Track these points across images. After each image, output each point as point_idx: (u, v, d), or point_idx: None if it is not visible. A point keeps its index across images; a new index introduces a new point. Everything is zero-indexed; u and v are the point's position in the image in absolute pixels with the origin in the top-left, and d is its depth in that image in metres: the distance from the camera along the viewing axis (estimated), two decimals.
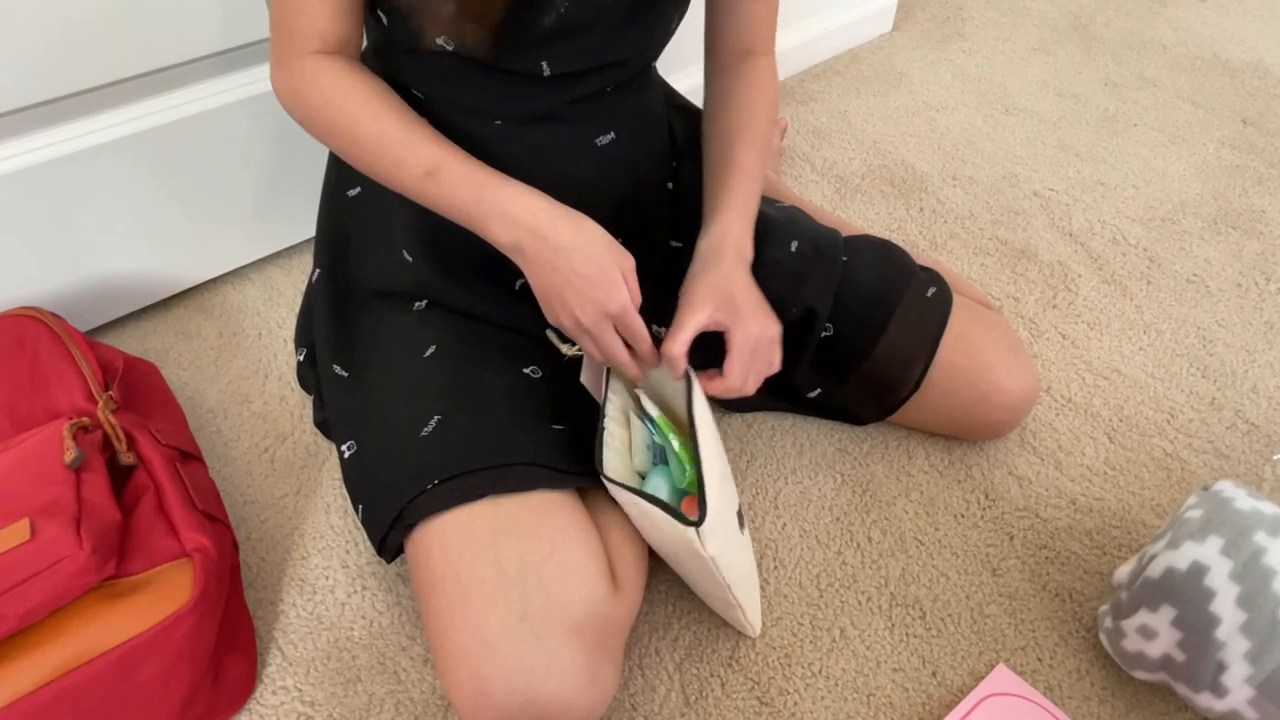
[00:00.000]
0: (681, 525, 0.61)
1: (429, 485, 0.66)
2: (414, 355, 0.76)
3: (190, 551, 0.64)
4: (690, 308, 0.67)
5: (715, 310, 0.67)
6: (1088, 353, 1.01)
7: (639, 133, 0.78)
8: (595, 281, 0.62)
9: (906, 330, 0.83)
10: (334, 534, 0.82)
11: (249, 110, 0.97)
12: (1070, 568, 0.80)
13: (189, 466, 0.74)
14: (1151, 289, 1.09)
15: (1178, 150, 1.34)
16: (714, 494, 0.63)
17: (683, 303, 0.69)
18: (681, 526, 0.61)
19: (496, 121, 0.71)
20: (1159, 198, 1.24)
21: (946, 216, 1.20)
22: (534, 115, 0.72)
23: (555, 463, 0.68)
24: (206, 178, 0.98)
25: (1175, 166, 1.30)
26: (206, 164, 0.97)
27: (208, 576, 0.63)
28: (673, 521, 0.61)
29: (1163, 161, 1.32)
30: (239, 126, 0.97)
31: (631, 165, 0.78)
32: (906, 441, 0.90)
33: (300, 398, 0.94)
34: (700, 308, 0.67)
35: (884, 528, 0.82)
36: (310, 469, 0.87)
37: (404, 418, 0.71)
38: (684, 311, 0.67)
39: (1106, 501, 0.85)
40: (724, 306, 0.67)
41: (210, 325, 1.02)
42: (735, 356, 0.67)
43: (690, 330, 0.66)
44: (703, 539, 0.61)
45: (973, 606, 0.77)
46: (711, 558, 0.62)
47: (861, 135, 1.36)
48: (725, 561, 0.64)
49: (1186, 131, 1.38)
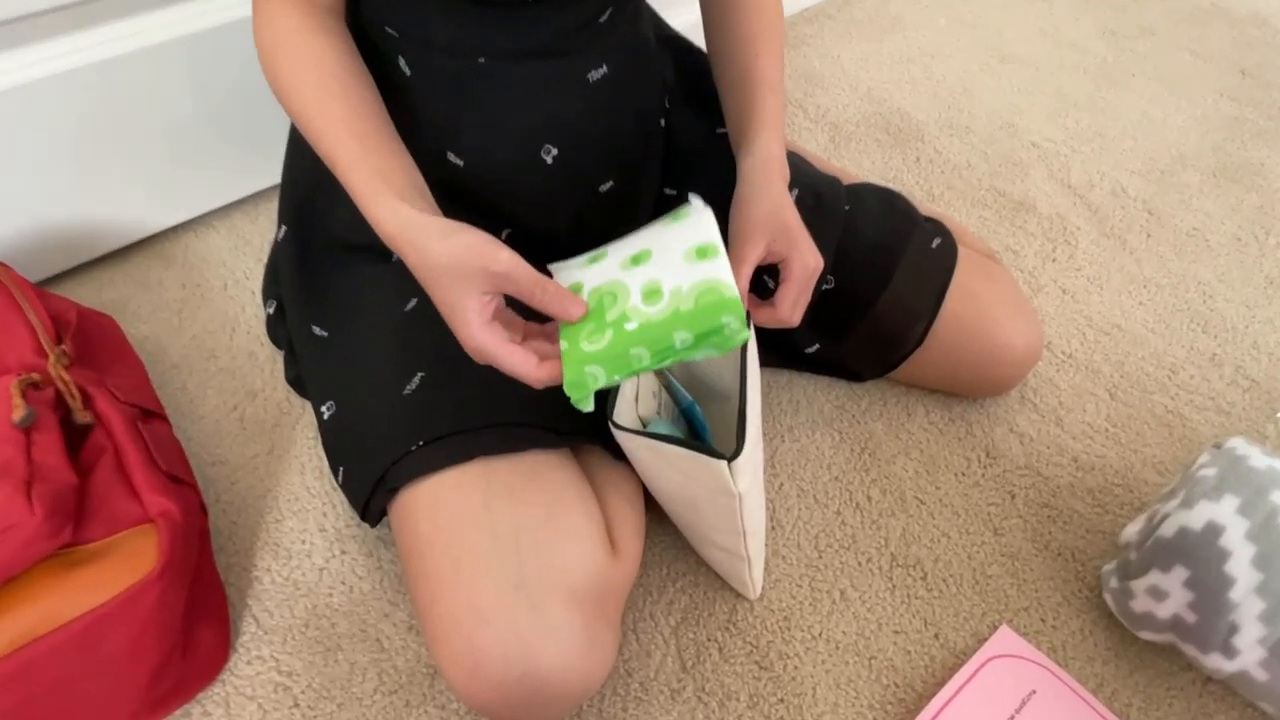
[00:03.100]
0: (712, 459, 0.57)
1: (413, 447, 0.62)
2: (394, 309, 0.71)
3: (154, 516, 0.59)
4: (746, 239, 0.63)
5: (772, 241, 0.63)
6: (1088, 307, 0.98)
7: (633, 66, 0.73)
8: (450, 319, 0.56)
9: (911, 283, 0.79)
10: (309, 496, 0.77)
11: (212, 42, 0.89)
12: (1073, 527, 0.78)
13: (151, 425, 0.69)
14: (1151, 243, 1.07)
15: (1176, 101, 1.31)
16: (754, 426, 0.59)
17: (736, 235, 0.65)
18: (711, 461, 0.57)
19: (480, 59, 0.66)
20: (1158, 150, 1.21)
21: (943, 167, 1.17)
22: (521, 49, 0.66)
23: (549, 422, 0.64)
24: (167, 117, 0.91)
25: (1174, 118, 1.27)
26: (166, 102, 0.90)
27: (174, 542, 0.59)
28: (698, 459, 0.57)
29: (1161, 112, 1.28)
30: (201, 60, 0.90)
31: (625, 102, 0.73)
32: (905, 398, 0.87)
33: (271, 352, 0.89)
34: (757, 239, 0.63)
35: (884, 487, 0.80)
36: (283, 428, 0.83)
37: (385, 376, 0.67)
38: (741, 244, 0.63)
39: (1108, 459, 0.83)
40: (780, 236, 0.63)
41: (172, 276, 0.96)
42: (792, 286, 0.64)
43: (751, 263, 0.62)
44: (734, 474, 0.57)
45: (975, 567, 0.75)
46: (740, 494, 0.59)
47: (855, 81, 1.31)
48: (752, 503, 0.61)
49: (1185, 82, 1.35)
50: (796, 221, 0.68)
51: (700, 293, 0.54)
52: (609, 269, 0.58)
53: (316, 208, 0.78)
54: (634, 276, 0.56)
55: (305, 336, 0.75)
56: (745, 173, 0.70)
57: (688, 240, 0.58)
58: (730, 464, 0.57)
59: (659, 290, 0.55)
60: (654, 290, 0.55)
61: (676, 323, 0.53)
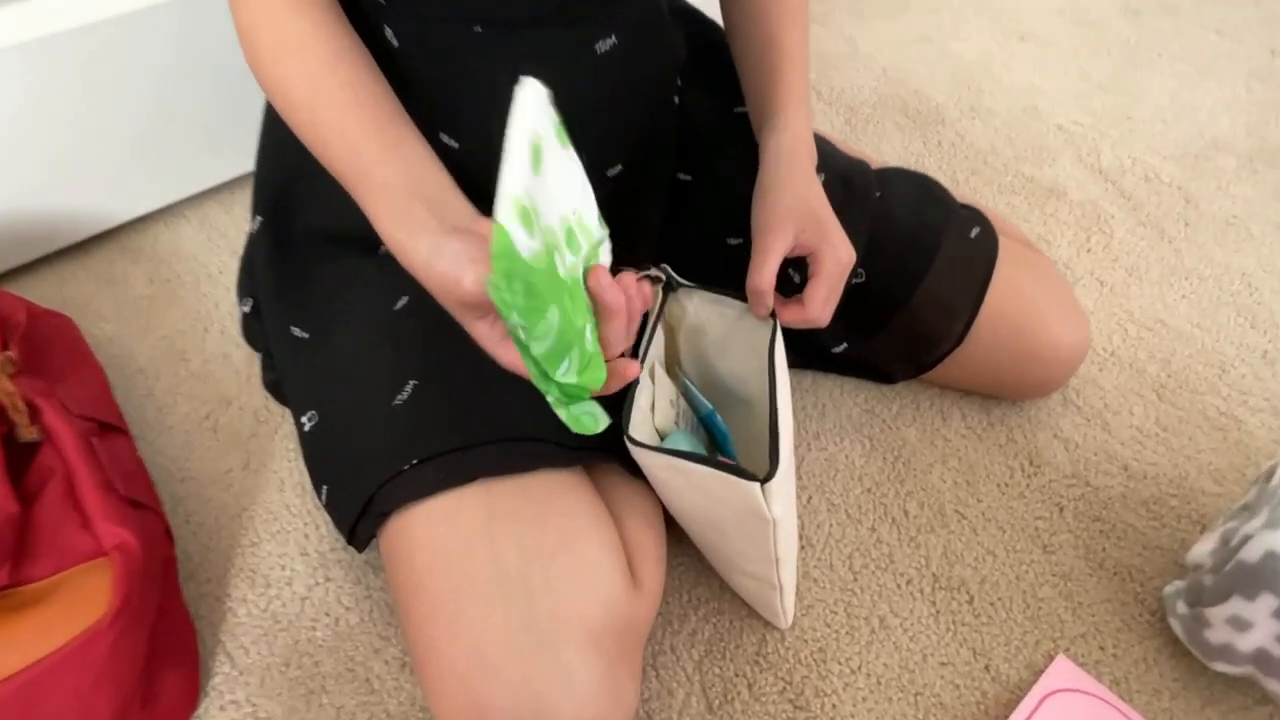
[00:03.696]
0: (743, 481, 0.50)
1: (405, 466, 0.54)
2: (382, 307, 0.64)
3: (108, 549, 0.52)
4: (772, 229, 0.57)
5: (800, 231, 0.56)
6: (1128, 301, 0.92)
7: (645, 38, 0.66)
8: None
9: (948, 277, 0.73)
10: (290, 515, 0.70)
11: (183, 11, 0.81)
12: (1127, 542, 0.71)
13: (109, 441, 0.61)
14: (1190, 231, 1.00)
15: (1206, 83, 1.24)
16: (786, 444, 0.52)
17: (761, 224, 0.58)
18: (742, 483, 0.50)
19: (476, 28, 0.58)
20: (1190, 133, 1.15)
21: (967, 151, 1.10)
22: (522, 17, 0.59)
23: (558, 436, 0.56)
24: (132, 95, 0.83)
25: (1204, 100, 1.21)
26: (131, 78, 0.82)
27: (130, 579, 0.51)
28: (728, 480, 0.50)
29: (1191, 94, 1.22)
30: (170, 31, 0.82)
31: (636, 76, 0.66)
32: (939, 401, 0.80)
33: (247, 355, 0.81)
34: (784, 228, 0.57)
35: (921, 499, 0.73)
36: (260, 438, 0.75)
37: (373, 383, 0.60)
38: (765, 235, 0.57)
39: (1160, 467, 0.77)
40: (810, 225, 0.57)
41: (139, 271, 0.88)
42: (823, 282, 0.57)
43: (777, 256, 0.56)
44: (768, 497, 0.51)
45: (1024, 589, 0.68)
46: (775, 520, 0.52)
47: (870, 62, 1.24)
48: (786, 528, 0.54)
49: (1213, 63, 1.28)
50: (827, 210, 0.61)
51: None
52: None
53: (295, 196, 0.70)
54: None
55: (284, 338, 0.68)
56: (769, 156, 0.63)
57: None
58: (764, 486, 0.50)
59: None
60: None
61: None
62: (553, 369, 0.45)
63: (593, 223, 0.51)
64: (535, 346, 0.44)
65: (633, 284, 0.50)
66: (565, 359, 0.46)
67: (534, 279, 0.42)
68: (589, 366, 0.47)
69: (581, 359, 0.47)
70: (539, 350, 0.44)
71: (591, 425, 0.49)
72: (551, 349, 0.45)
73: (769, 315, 0.60)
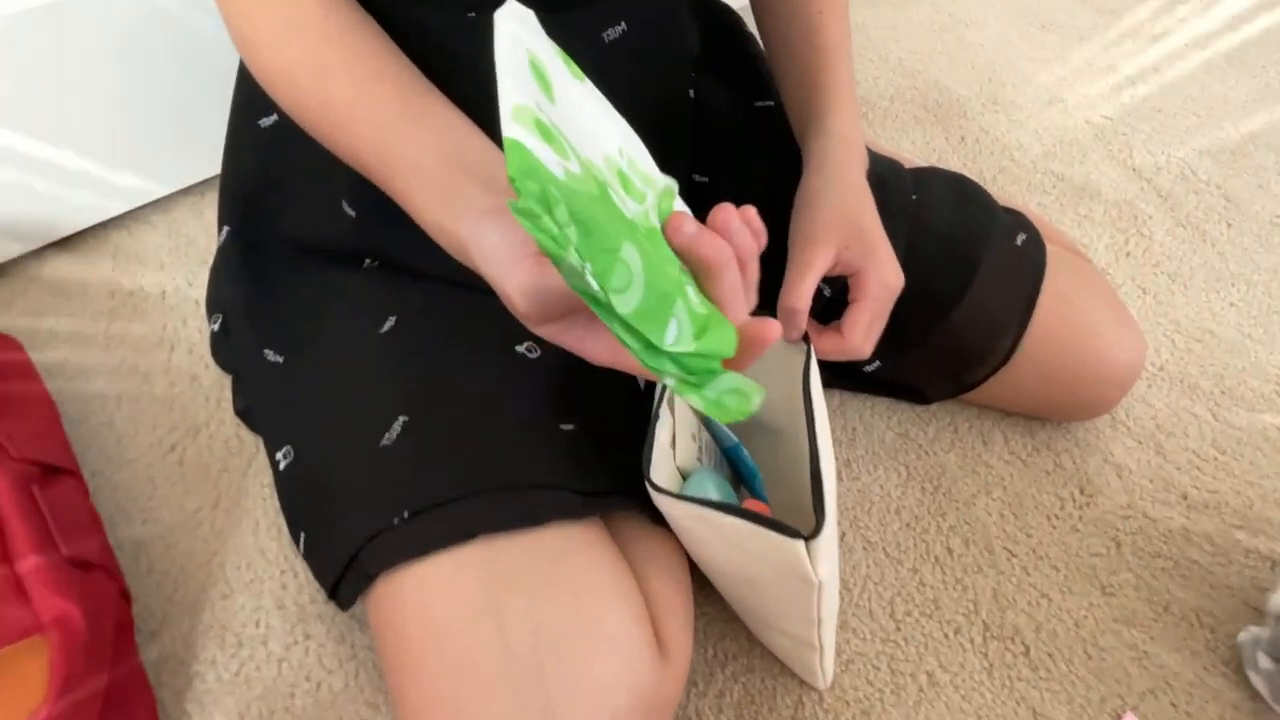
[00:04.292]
0: (785, 539, 0.43)
1: (394, 519, 0.47)
2: (366, 330, 0.56)
3: (47, 624, 0.44)
4: (813, 243, 0.50)
5: (845, 247, 0.50)
6: (1173, 310, 0.85)
7: (656, 24, 0.59)
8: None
9: (994, 288, 0.66)
10: (265, 562, 0.63)
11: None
12: (1193, 581, 0.65)
13: (54, 487, 0.54)
14: (1233, 233, 0.94)
15: (1235, 74, 1.18)
16: (831, 493, 0.46)
17: (801, 235, 0.52)
18: (784, 541, 0.43)
19: (469, 13, 0.51)
20: (1224, 127, 1.09)
21: (992, 147, 1.03)
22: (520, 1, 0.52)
23: (570, 481, 0.49)
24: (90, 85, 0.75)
25: (1236, 92, 1.15)
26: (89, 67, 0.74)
27: (70, 660, 0.44)
28: (768, 537, 0.44)
29: (1221, 86, 1.15)
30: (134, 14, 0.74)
31: (647, 67, 0.59)
32: (979, 422, 0.74)
33: (217, 375, 0.74)
34: (827, 242, 0.50)
35: (965, 535, 0.67)
36: (232, 472, 0.68)
37: (357, 419, 0.53)
38: (805, 248, 0.51)
39: (1222, 494, 0.70)
40: (856, 241, 0.51)
41: (99, 282, 0.80)
42: (866, 309, 0.51)
43: (816, 274, 0.50)
44: (814, 557, 0.44)
45: (1084, 637, 0.62)
46: (821, 583, 0.45)
47: (885, 52, 1.17)
48: (830, 589, 0.47)
49: (1242, 52, 1.22)
50: (876, 225, 0.55)
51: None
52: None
53: (266, 203, 0.63)
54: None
55: (255, 362, 0.60)
56: (815, 158, 0.56)
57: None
58: (809, 544, 0.43)
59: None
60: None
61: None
62: (657, 334, 0.32)
63: (650, 168, 0.39)
64: (620, 303, 0.31)
65: (732, 218, 0.37)
66: (670, 318, 0.32)
67: (583, 206, 0.30)
68: (709, 328, 0.34)
69: (692, 318, 0.33)
70: (627, 308, 0.31)
71: (741, 407, 0.34)
72: (645, 304, 0.31)
73: (802, 339, 0.54)
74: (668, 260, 0.34)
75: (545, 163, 0.29)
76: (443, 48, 0.51)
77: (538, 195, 0.28)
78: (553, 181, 0.29)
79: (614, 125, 0.38)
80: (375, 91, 0.45)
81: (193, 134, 0.84)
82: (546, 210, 0.28)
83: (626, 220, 0.33)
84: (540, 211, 0.28)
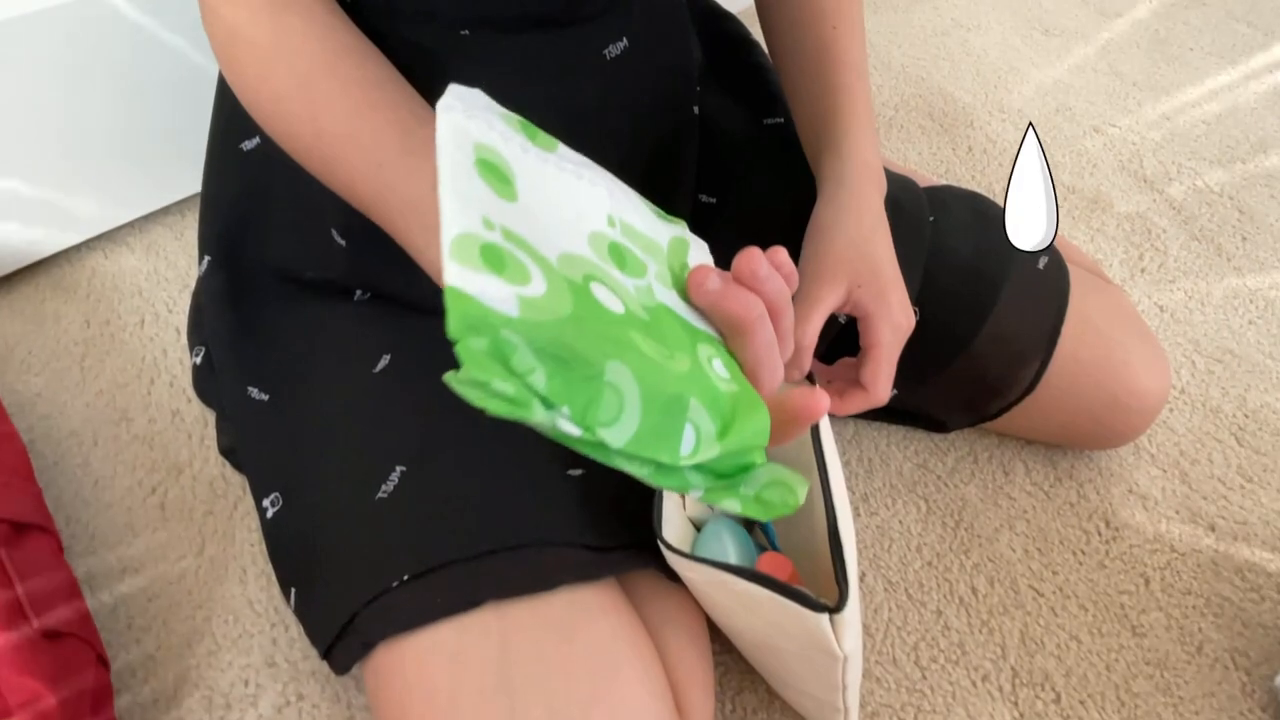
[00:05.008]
0: (809, 612, 0.40)
1: (394, 583, 0.44)
2: (359, 370, 0.53)
3: (14, 709, 0.40)
4: (822, 278, 0.48)
5: (856, 286, 0.47)
6: (1192, 329, 0.83)
7: (660, 38, 0.56)
8: None
9: (1016, 315, 0.63)
10: (254, 615, 0.59)
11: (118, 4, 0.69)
12: (1225, 620, 0.63)
13: (24, 546, 0.50)
14: (1249, 247, 0.92)
15: (1242, 79, 1.16)
16: (853, 564, 0.43)
17: (811, 269, 0.49)
18: (806, 614, 0.40)
19: (463, 30, 0.48)
20: (1233, 135, 1.06)
21: (1000, 158, 1.00)
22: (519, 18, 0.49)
23: (583, 535, 0.46)
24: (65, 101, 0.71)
25: (1243, 98, 1.12)
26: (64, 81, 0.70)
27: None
28: (787, 608, 0.41)
29: (1228, 92, 1.13)
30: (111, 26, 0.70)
31: (650, 83, 0.55)
32: (999, 452, 0.71)
33: (201, 411, 0.70)
34: (837, 279, 0.47)
35: (990, 574, 0.64)
36: (217, 516, 0.64)
37: (351, 467, 0.49)
38: (814, 282, 0.48)
39: (1251, 525, 0.68)
40: (869, 279, 0.48)
41: (74, 311, 0.76)
42: (884, 358, 0.48)
43: (825, 311, 0.47)
44: (839, 631, 0.41)
45: (1116, 681, 0.59)
46: (845, 658, 0.42)
47: (888, 59, 1.14)
48: (855, 662, 0.44)
49: (1246, 56, 1.20)
50: (891, 261, 0.52)
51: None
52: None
53: (249, 230, 0.59)
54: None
55: (240, 400, 0.57)
56: (830, 184, 0.53)
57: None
58: (834, 617, 0.40)
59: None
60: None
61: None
62: (669, 453, 0.29)
63: (649, 224, 0.36)
64: (613, 437, 0.28)
65: (760, 264, 0.34)
66: (683, 426, 0.29)
67: (551, 335, 0.27)
68: (737, 416, 0.30)
69: (715, 411, 0.30)
70: (622, 439, 0.28)
71: (786, 500, 0.31)
72: (647, 425, 0.28)
73: (806, 378, 0.51)
74: (677, 345, 0.31)
75: (493, 304, 0.26)
76: (439, 67, 0.48)
77: (487, 349, 0.25)
78: (506, 323, 0.26)
79: (601, 191, 0.35)
80: (372, 121, 0.41)
81: (171, 152, 0.80)
82: (502, 363, 0.26)
83: (614, 323, 0.29)
84: (488, 376, 0.25)
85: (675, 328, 0.32)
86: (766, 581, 0.41)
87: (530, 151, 0.33)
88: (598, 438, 0.27)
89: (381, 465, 0.48)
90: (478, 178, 0.29)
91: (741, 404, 0.30)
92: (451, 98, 0.30)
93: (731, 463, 0.30)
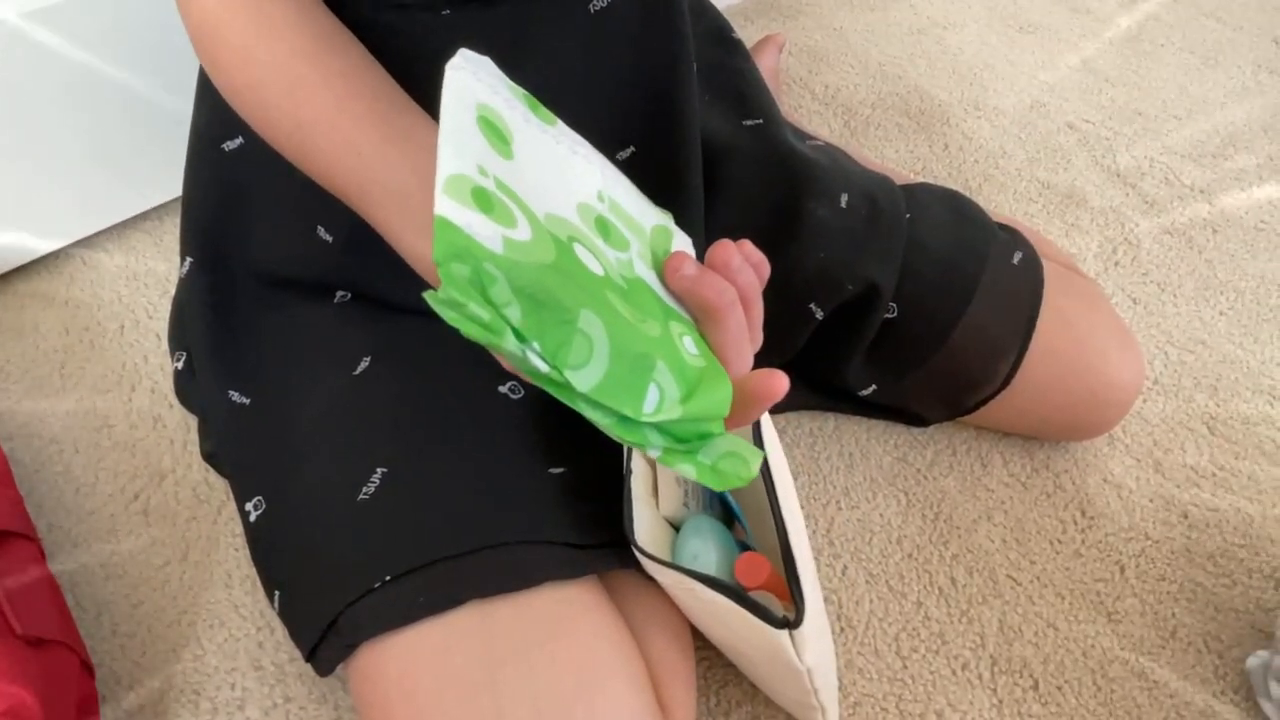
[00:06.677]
0: (769, 627, 0.41)
1: (376, 583, 0.44)
2: (339, 371, 0.53)
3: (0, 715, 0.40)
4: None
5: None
6: (1164, 320, 0.84)
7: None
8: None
9: (992, 310, 0.64)
10: (240, 619, 0.59)
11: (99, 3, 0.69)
12: (1197, 605, 0.64)
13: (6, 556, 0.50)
14: (1219, 239, 0.93)
15: (1213, 74, 1.18)
16: (809, 577, 0.43)
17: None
18: (768, 629, 0.41)
19: (444, 10, 0.48)
20: (1204, 130, 1.08)
21: (976, 154, 1.01)
22: None
23: (564, 533, 0.47)
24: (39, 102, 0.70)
25: (1214, 93, 1.14)
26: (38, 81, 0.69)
27: None
28: (751, 621, 0.41)
29: (1199, 87, 1.15)
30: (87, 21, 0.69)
31: (642, 37, 0.53)
32: (977, 444, 0.72)
33: (183, 416, 0.70)
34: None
35: (969, 564, 0.65)
36: (201, 521, 0.64)
37: (332, 468, 0.49)
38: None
39: (1222, 512, 0.69)
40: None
41: (52, 318, 0.76)
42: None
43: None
44: (798, 646, 0.42)
45: (1092, 667, 0.60)
46: (808, 670, 0.43)
47: (864, 57, 1.15)
48: (824, 666, 0.45)
49: (1218, 52, 1.22)
50: None
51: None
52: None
53: (230, 231, 0.59)
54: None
55: (221, 404, 0.57)
56: None
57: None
58: (793, 633, 0.41)
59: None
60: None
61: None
62: (632, 405, 0.29)
63: (638, 208, 0.37)
64: (580, 379, 0.28)
65: (733, 255, 0.35)
66: (648, 384, 0.30)
67: (530, 277, 0.28)
68: (701, 385, 0.31)
69: (681, 377, 0.30)
70: (588, 383, 0.29)
71: (739, 472, 0.32)
72: (613, 375, 0.29)
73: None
74: (651, 314, 0.32)
75: (479, 238, 0.28)
76: (420, 52, 0.47)
77: (469, 277, 0.27)
78: (489, 258, 0.27)
79: (593, 168, 0.36)
80: (352, 113, 0.42)
81: (150, 156, 0.80)
82: (480, 291, 0.27)
83: (592, 281, 0.31)
84: (466, 299, 0.26)
85: (650, 300, 0.33)
86: (729, 592, 0.41)
87: (531, 122, 0.34)
88: (564, 379, 0.28)
89: (363, 466, 0.48)
90: (478, 133, 0.30)
91: (707, 376, 0.32)
92: (461, 59, 0.31)
93: (692, 429, 0.31)
